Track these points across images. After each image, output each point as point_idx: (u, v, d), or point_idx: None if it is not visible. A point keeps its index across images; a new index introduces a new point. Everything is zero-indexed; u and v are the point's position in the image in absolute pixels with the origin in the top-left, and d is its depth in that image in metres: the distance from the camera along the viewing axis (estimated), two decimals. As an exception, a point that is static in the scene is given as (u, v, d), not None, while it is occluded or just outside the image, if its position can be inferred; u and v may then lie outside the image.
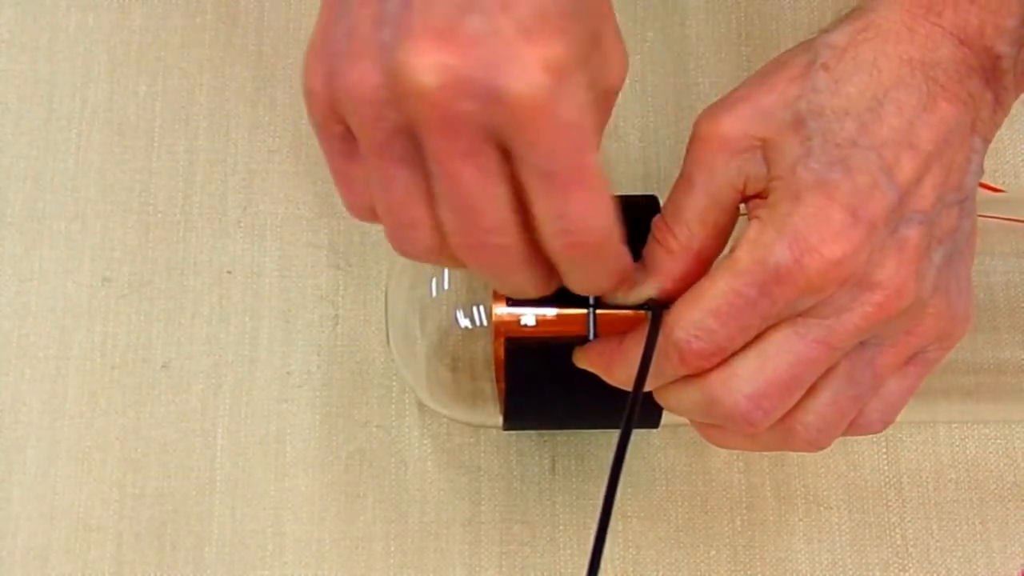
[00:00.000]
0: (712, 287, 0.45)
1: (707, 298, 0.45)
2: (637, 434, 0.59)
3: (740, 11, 0.65)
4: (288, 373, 0.59)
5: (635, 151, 0.63)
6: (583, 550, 0.57)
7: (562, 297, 0.49)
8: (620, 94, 0.63)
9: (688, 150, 0.47)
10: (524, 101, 0.41)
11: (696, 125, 0.47)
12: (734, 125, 0.46)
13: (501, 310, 0.51)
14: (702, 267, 0.47)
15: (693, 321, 0.45)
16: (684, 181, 0.47)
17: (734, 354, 0.46)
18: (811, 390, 0.47)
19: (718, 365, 0.46)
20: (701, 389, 0.47)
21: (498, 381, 0.53)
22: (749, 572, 0.57)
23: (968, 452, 0.59)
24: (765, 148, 0.46)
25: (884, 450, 0.59)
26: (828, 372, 0.47)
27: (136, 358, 0.60)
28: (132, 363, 0.60)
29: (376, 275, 0.61)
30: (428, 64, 0.41)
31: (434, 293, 0.53)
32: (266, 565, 0.57)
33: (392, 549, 0.57)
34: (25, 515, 0.57)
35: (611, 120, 0.62)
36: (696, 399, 0.47)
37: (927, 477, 0.59)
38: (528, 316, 0.51)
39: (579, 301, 0.49)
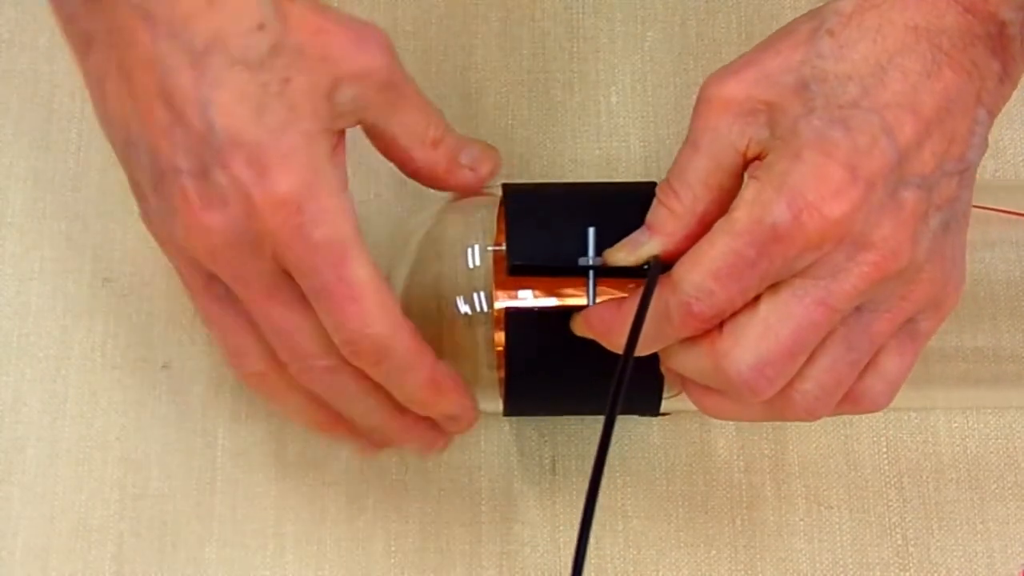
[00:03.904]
0: (711, 249, 0.46)
1: (707, 260, 0.46)
2: (637, 432, 0.59)
3: (740, 11, 0.65)
4: (289, 373, 0.59)
5: (635, 151, 0.63)
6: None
7: (563, 273, 0.50)
8: (621, 94, 0.63)
9: (693, 114, 0.48)
10: (277, 237, 0.47)
11: (702, 89, 0.48)
12: (738, 88, 0.47)
13: (502, 300, 0.52)
14: (705, 229, 0.47)
15: (693, 283, 0.46)
16: (689, 144, 0.48)
17: (734, 317, 0.46)
18: (809, 358, 0.47)
19: (719, 330, 0.46)
20: (703, 358, 0.47)
21: (499, 368, 0.53)
22: (750, 572, 0.57)
23: (969, 451, 0.59)
24: (769, 111, 0.46)
25: (885, 450, 0.59)
26: (826, 339, 0.47)
27: (137, 358, 0.60)
28: (133, 363, 0.59)
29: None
30: (198, 236, 0.48)
31: (434, 281, 0.54)
32: (267, 565, 0.57)
33: (393, 549, 0.57)
34: (26, 515, 0.57)
35: (612, 120, 0.63)
36: (699, 366, 0.47)
37: (928, 477, 0.59)
38: (528, 303, 0.51)
39: (581, 274, 0.50)
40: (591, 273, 0.50)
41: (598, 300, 0.50)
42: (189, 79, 0.46)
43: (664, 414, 0.54)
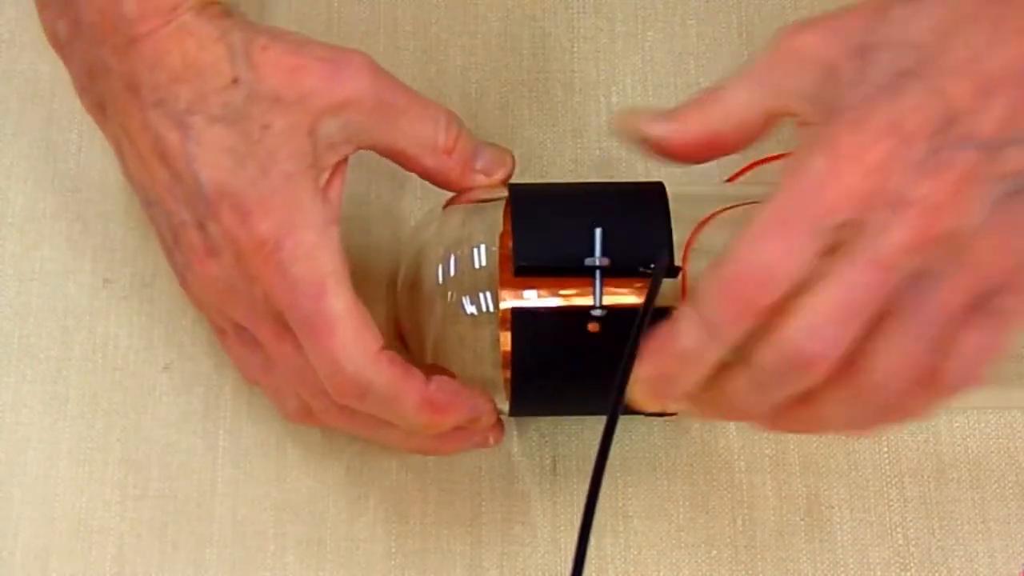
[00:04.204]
0: (756, 215, 0.45)
1: (752, 224, 0.45)
2: (638, 432, 0.59)
3: (741, 11, 0.65)
4: (290, 374, 0.59)
5: (636, 151, 0.63)
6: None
7: (570, 273, 0.50)
8: (621, 94, 0.63)
9: (760, 53, 0.48)
10: (262, 275, 0.49)
11: (776, 33, 0.48)
12: (807, 40, 0.47)
13: (508, 301, 0.52)
14: (707, 150, 0.48)
15: (736, 249, 0.45)
16: (742, 73, 0.49)
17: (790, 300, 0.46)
18: (878, 334, 0.46)
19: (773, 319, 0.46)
20: (766, 346, 0.46)
21: (504, 368, 0.53)
22: (751, 572, 0.57)
23: (970, 451, 0.59)
24: (827, 71, 0.46)
25: (886, 449, 0.59)
26: (889, 317, 0.46)
27: (138, 359, 0.60)
28: (134, 364, 0.59)
29: (377, 275, 0.60)
30: (206, 285, 0.52)
31: (440, 280, 0.54)
32: (267, 566, 0.57)
33: (393, 550, 0.57)
34: (26, 516, 0.57)
35: (612, 119, 0.63)
36: (764, 360, 0.46)
37: (929, 476, 0.59)
38: (534, 303, 0.52)
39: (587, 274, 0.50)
40: (598, 273, 0.50)
41: (604, 301, 0.50)
42: (176, 139, 0.49)
43: (671, 414, 0.55)
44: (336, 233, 0.50)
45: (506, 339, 0.52)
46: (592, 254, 0.50)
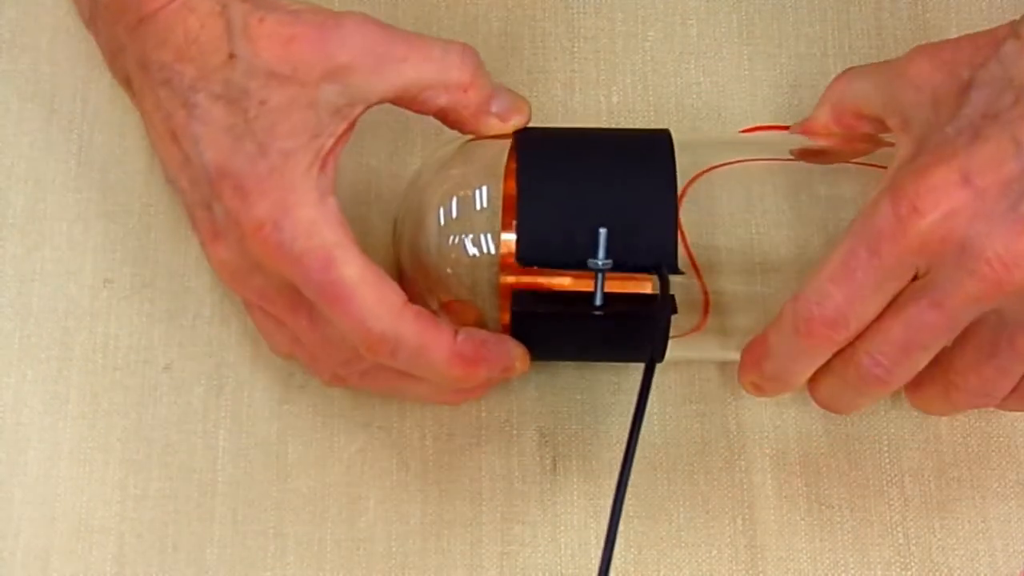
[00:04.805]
0: (828, 258, 0.47)
1: (824, 267, 0.47)
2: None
3: (741, 11, 0.64)
4: (290, 374, 0.59)
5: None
6: (584, 551, 0.57)
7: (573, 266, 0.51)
8: (621, 93, 0.63)
9: (896, 61, 0.50)
10: (267, 256, 0.49)
11: (914, 50, 0.49)
12: (921, 67, 0.48)
13: (508, 235, 0.52)
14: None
15: (812, 288, 0.47)
16: (873, 65, 0.51)
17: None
18: (963, 358, 0.49)
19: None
20: (839, 365, 0.49)
21: (502, 311, 0.53)
22: (751, 571, 0.57)
23: (970, 450, 0.59)
24: (933, 101, 0.47)
25: (886, 448, 0.59)
26: (966, 343, 0.48)
27: (138, 359, 0.60)
28: (134, 364, 0.59)
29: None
30: (217, 267, 0.52)
31: (443, 221, 0.54)
32: (268, 566, 0.57)
33: (393, 550, 0.57)
34: (27, 516, 0.57)
35: (612, 119, 0.63)
36: (841, 375, 0.49)
37: (929, 475, 0.59)
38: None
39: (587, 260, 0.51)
40: (599, 276, 0.50)
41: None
42: (183, 119, 0.49)
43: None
44: (334, 202, 0.50)
45: (506, 280, 0.53)
46: (596, 255, 0.50)
